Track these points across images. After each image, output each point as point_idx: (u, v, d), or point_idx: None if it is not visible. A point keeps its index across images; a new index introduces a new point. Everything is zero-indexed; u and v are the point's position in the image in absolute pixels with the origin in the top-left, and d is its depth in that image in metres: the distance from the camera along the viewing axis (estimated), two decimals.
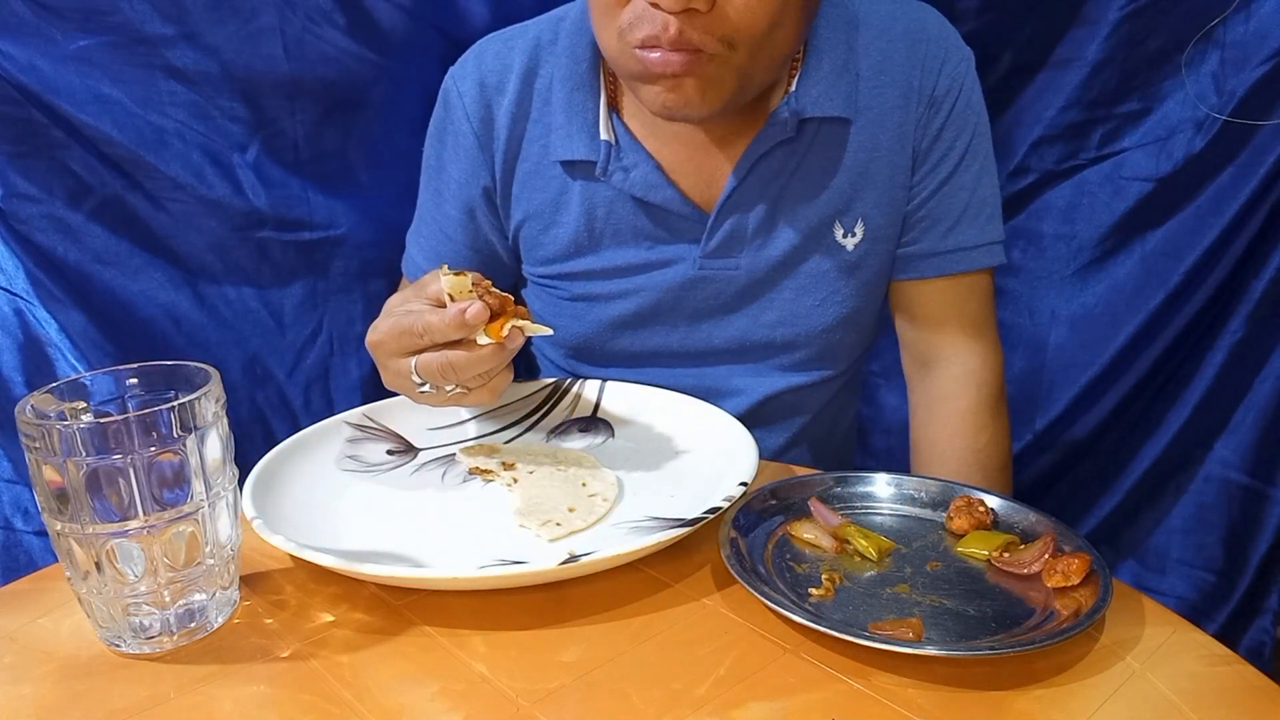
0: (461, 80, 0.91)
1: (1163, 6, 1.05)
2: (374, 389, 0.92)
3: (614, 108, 0.88)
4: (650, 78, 0.77)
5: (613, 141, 0.87)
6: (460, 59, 0.92)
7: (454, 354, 0.70)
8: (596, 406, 0.87)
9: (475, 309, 0.68)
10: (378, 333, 0.74)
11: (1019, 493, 1.03)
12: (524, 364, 1.10)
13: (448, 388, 0.73)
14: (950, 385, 0.96)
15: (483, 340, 0.69)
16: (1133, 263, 1.15)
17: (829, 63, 0.86)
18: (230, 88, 1.00)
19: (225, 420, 0.60)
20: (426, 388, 0.74)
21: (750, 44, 0.76)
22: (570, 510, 0.71)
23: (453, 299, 0.69)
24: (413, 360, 0.72)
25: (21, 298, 0.94)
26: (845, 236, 0.90)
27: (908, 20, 0.89)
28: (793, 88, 0.86)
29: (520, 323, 0.70)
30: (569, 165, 0.89)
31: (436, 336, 0.70)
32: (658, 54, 0.75)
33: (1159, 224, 1.13)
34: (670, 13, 0.72)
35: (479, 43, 0.92)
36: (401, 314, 0.72)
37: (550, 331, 0.73)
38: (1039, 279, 1.21)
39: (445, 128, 0.93)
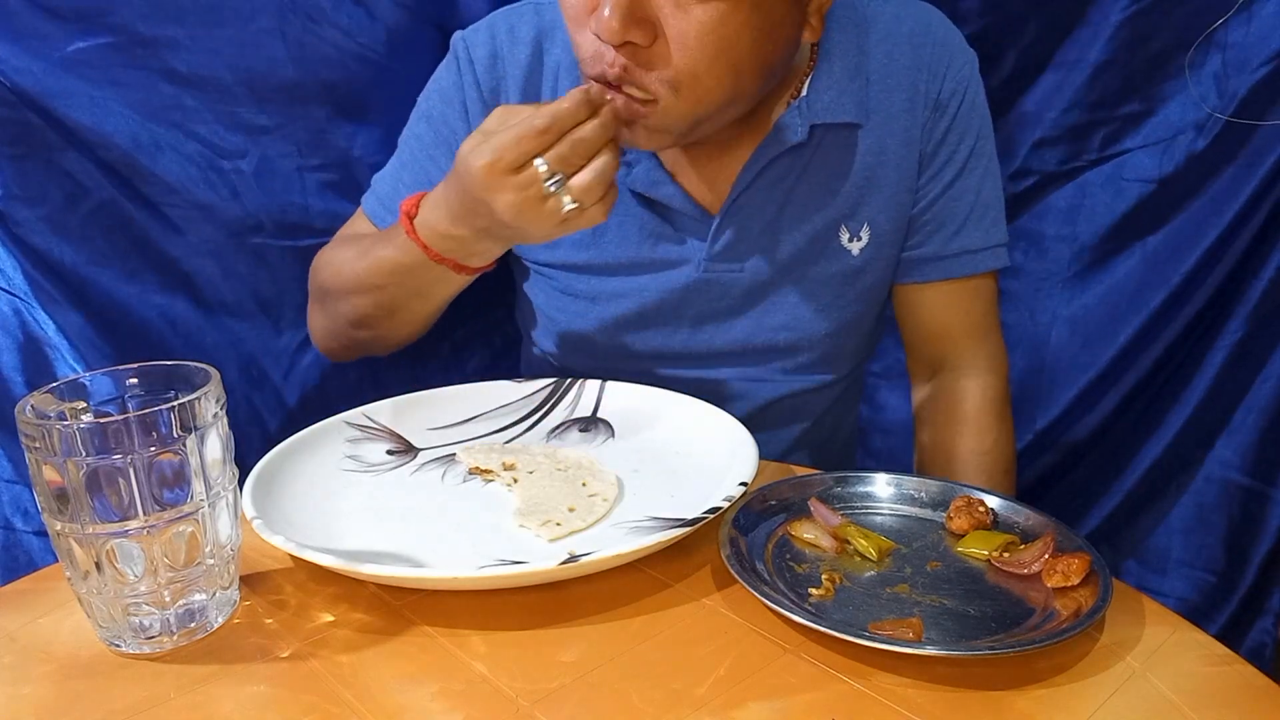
0: (475, 46, 0.90)
1: (1164, 8, 1.05)
2: (370, 391, 0.92)
3: None
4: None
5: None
6: (473, 26, 0.91)
7: (582, 129, 0.70)
8: (597, 406, 0.87)
9: (594, 85, 0.71)
10: (489, 152, 0.71)
11: (1019, 493, 1.03)
12: (523, 362, 1.10)
13: (567, 202, 0.72)
14: (956, 388, 0.96)
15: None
16: (1133, 263, 1.15)
17: (841, 67, 0.85)
18: (230, 91, 0.99)
19: (225, 420, 0.60)
20: (553, 186, 0.71)
21: (695, 90, 0.74)
22: (570, 510, 0.71)
23: None
24: (537, 161, 0.70)
25: (20, 298, 0.94)
26: (851, 241, 0.90)
27: (913, 22, 0.88)
28: (803, 92, 0.85)
29: None
30: None
31: (567, 122, 0.70)
32: (609, 93, 0.75)
33: (1160, 225, 1.13)
34: (610, 44, 0.72)
35: (491, 15, 0.91)
36: (517, 122, 0.71)
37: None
38: (1040, 280, 1.21)
39: (452, 87, 0.91)
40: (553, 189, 0.71)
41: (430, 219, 0.78)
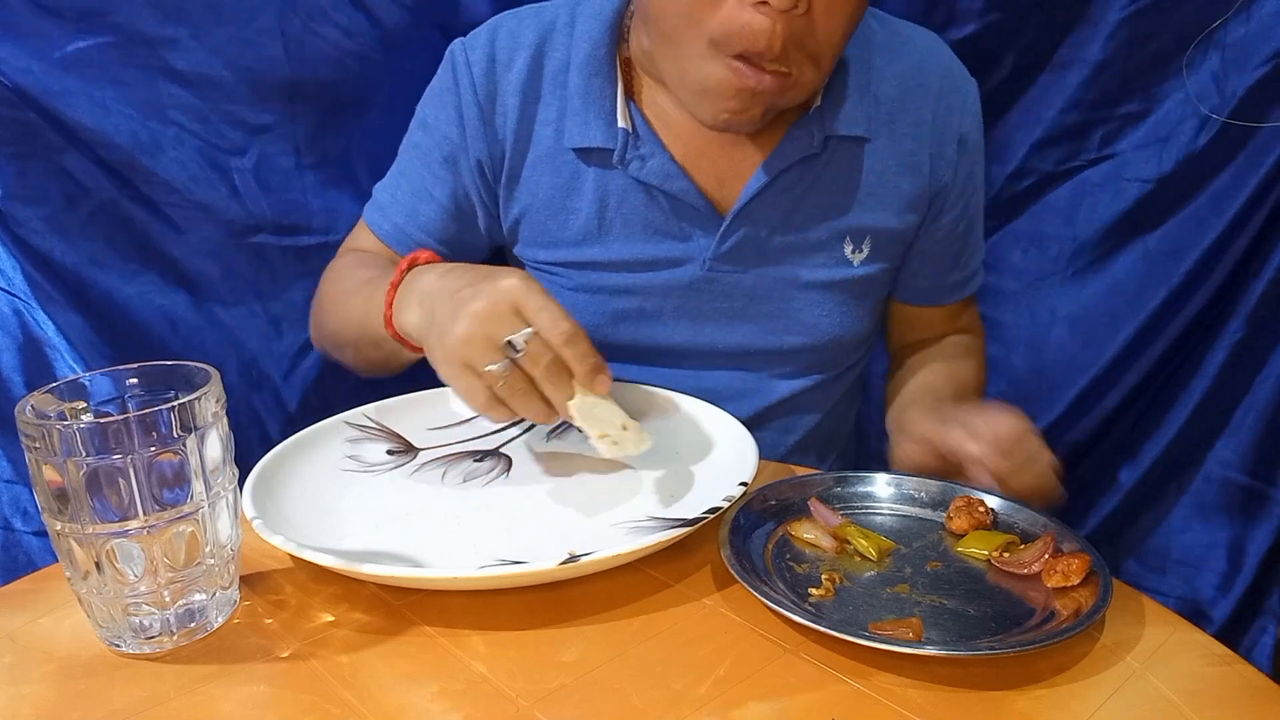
0: (472, 50, 0.90)
1: (1163, 7, 1.05)
2: (371, 393, 0.92)
3: (630, 96, 0.88)
4: (723, 92, 0.78)
5: (630, 130, 0.87)
6: (473, 32, 0.91)
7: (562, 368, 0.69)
8: None
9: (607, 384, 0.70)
10: (525, 293, 0.68)
11: None
12: None
13: (496, 369, 0.68)
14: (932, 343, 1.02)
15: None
16: (1133, 263, 1.15)
17: (854, 81, 0.87)
18: (230, 89, 0.99)
19: (225, 420, 0.60)
20: (499, 368, 0.68)
21: (828, 60, 0.79)
22: (624, 429, 0.71)
23: None
24: (529, 330, 0.68)
25: (20, 298, 0.94)
26: (854, 253, 0.92)
27: (921, 49, 0.91)
28: (818, 103, 0.87)
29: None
30: (583, 152, 0.89)
31: (582, 353, 0.69)
32: (751, 74, 0.76)
33: (1159, 224, 1.13)
34: (780, 9, 0.72)
35: (494, 18, 0.92)
36: (562, 318, 0.68)
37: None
38: (1039, 280, 1.21)
39: (445, 91, 0.91)
40: (494, 367, 0.68)
41: (412, 285, 0.77)
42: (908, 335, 1.04)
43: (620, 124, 0.87)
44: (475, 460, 0.81)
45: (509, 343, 0.68)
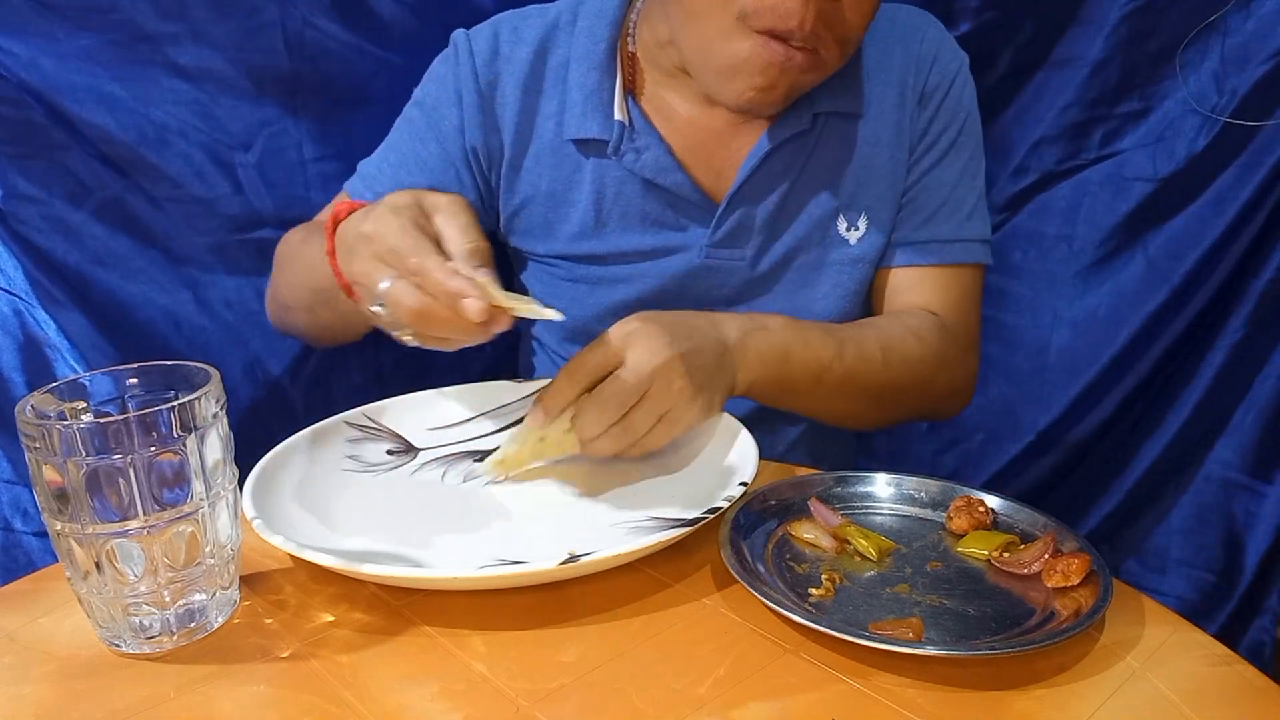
0: (476, 40, 0.91)
1: (1163, 5, 1.05)
2: (375, 391, 0.92)
3: (629, 90, 0.89)
4: (751, 67, 0.78)
5: (626, 122, 0.88)
6: (477, 26, 0.92)
7: (435, 308, 0.62)
8: None
9: (476, 308, 0.61)
10: (369, 227, 0.65)
11: (1019, 493, 1.03)
12: (520, 355, 1.10)
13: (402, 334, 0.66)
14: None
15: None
16: (1134, 263, 1.15)
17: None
18: (232, 85, 0.99)
19: (225, 420, 0.60)
20: (380, 309, 0.65)
21: (852, 45, 0.80)
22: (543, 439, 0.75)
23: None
24: (385, 281, 0.63)
25: (21, 298, 0.94)
26: (849, 230, 0.91)
27: (907, 24, 0.91)
28: None
29: (525, 307, 0.65)
30: (581, 144, 0.89)
31: (428, 290, 0.63)
32: (781, 48, 0.77)
33: (1160, 224, 1.13)
34: None
35: (498, 16, 0.93)
36: (408, 235, 0.63)
37: (560, 317, 0.68)
38: (1040, 280, 1.21)
39: (446, 74, 0.92)
40: (378, 309, 0.66)
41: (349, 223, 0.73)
42: (872, 308, 0.97)
43: (617, 116, 0.87)
44: (475, 460, 0.81)
45: (373, 310, 0.66)
